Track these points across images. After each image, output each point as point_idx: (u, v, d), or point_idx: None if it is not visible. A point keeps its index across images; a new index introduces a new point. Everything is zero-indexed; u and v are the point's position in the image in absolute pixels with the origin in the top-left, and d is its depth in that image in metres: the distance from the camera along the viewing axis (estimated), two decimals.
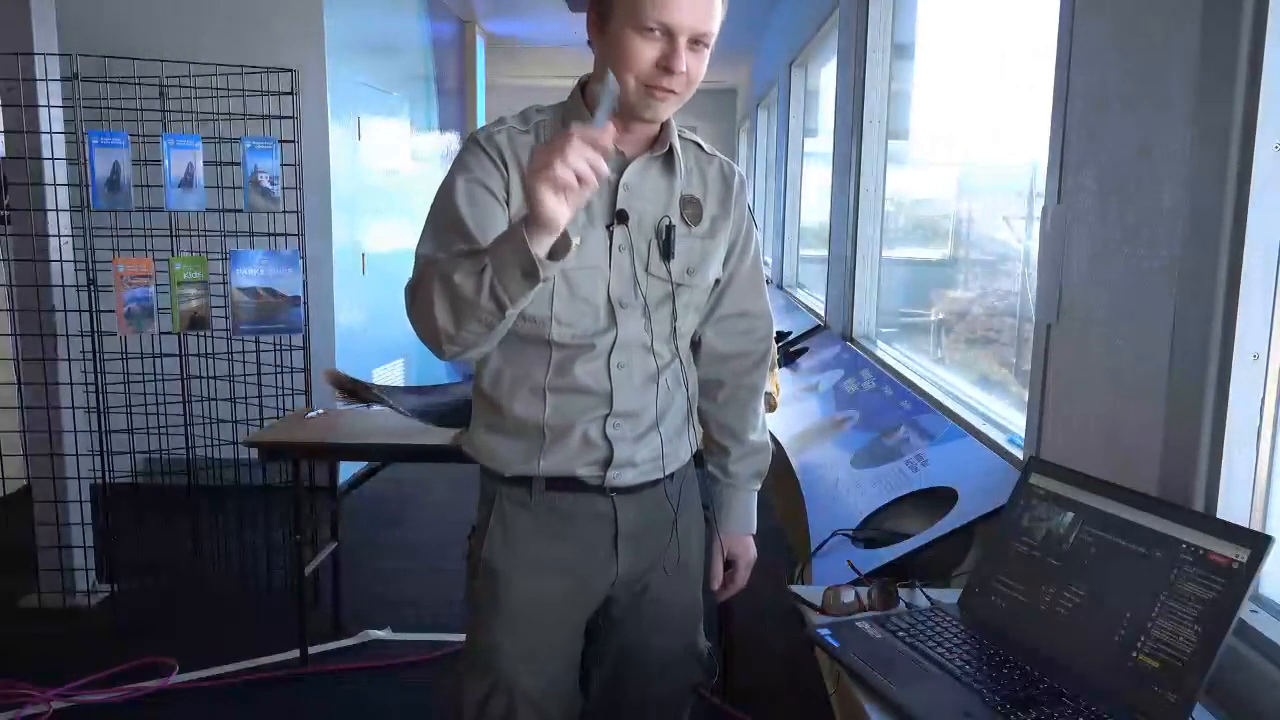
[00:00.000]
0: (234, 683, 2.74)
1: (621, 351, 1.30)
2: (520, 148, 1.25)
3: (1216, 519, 1.24)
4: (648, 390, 1.33)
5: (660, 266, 1.30)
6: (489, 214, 1.22)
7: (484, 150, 1.25)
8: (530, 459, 1.32)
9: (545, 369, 1.29)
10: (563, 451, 1.31)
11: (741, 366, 1.48)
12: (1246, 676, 1.16)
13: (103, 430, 3.24)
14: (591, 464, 1.32)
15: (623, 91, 1.19)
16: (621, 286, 1.29)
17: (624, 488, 1.35)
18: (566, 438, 1.31)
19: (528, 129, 1.27)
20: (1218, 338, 1.25)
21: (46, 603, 3.24)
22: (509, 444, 1.33)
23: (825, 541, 2.12)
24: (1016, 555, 1.39)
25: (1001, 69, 2.67)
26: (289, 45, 4.28)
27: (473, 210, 1.21)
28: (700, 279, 1.35)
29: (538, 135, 1.26)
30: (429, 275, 1.15)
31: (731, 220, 1.39)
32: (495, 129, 1.28)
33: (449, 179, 1.26)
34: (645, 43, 1.17)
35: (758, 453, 1.53)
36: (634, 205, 1.29)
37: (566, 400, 1.30)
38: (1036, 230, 1.87)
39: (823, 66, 5.48)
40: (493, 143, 1.26)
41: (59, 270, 3.17)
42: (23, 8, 3.06)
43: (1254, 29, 1.19)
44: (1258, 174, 1.20)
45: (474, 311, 1.09)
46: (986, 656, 1.28)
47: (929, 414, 2.58)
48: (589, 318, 1.28)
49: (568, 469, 1.32)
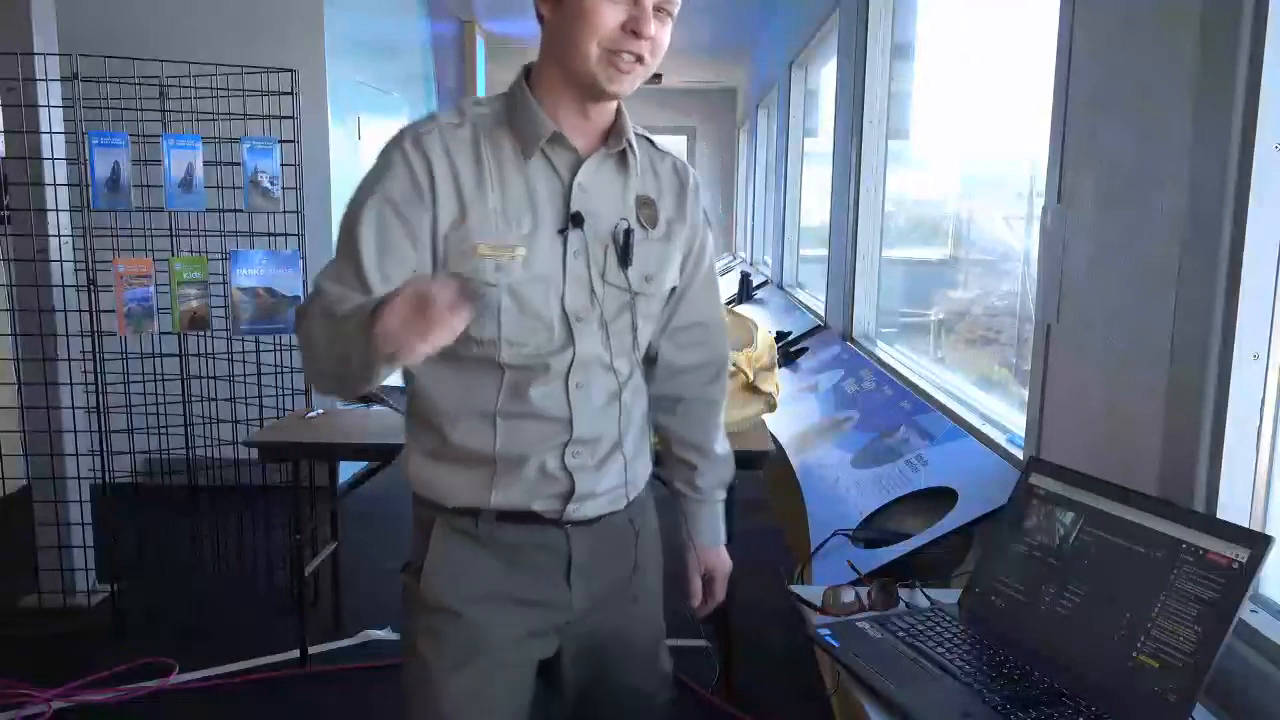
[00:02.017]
0: (234, 683, 2.74)
1: (580, 370, 1.18)
2: (455, 145, 1.13)
3: (1216, 519, 1.24)
4: (609, 411, 1.22)
5: (618, 274, 1.19)
6: (395, 243, 1.10)
7: (407, 160, 1.12)
8: (478, 492, 1.19)
9: (495, 393, 1.17)
10: (517, 485, 1.19)
11: (700, 379, 1.39)
12: (1246, 676, 1.16)
13: (103, 430, 3.24)
14: (550, 498, 1.21)
15: (582, 63, 1.10)
16: (577, 298, 1.17)
17: (582, 521, 1.23)
18: (521, 469, 1.18)
19: (462, 123, 1.15)
20: (1218, 338, 1.25)
21: (46, 603, 3.24)
22: (453, 474, 1.20)
23: (825, 541, 2.12)
24: (1016, 555, 1.39)
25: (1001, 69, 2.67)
26: (289, 45, 4.28)
27: (374, 238, 1.10)
28: (658, 286, 1.25)
29: (475, 130, 1.14)
30: (313, 321, 1.06)
31: (688, 223, 1.29)
32: (425, 129, 1.14)
33: (363, 189, 1.13)
34: (609, 4, 1.08)
35: (723, 464, 1.45)
36: (589, 207, 1.17)
37: (520, 427, 1.17)
38: (1036, 230, 1.87)
39: (823, 66, 5.48)
40: (420, 147, 1.12)
41: (59, 270, 3.17)
42: (23, 8, 3.06)
43: (1254, 29, 1.19)
44: (1258, 174, 1.20)
45: (339, 371, 1.04)
46: (986, 656, 1.28)
47: (929, 414, 2.58)
48: (542, 335, 1.16)
49: (523, 504, 1.20)
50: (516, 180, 1.14)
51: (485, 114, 1.16)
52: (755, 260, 8.39)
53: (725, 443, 1.46)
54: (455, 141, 1.13)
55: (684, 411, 1.39)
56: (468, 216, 1.11)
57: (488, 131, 1.15)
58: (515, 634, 1.23)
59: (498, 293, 1.13)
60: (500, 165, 1.14)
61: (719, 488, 1.45)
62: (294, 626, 2.86)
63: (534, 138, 1.14)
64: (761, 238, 8.08)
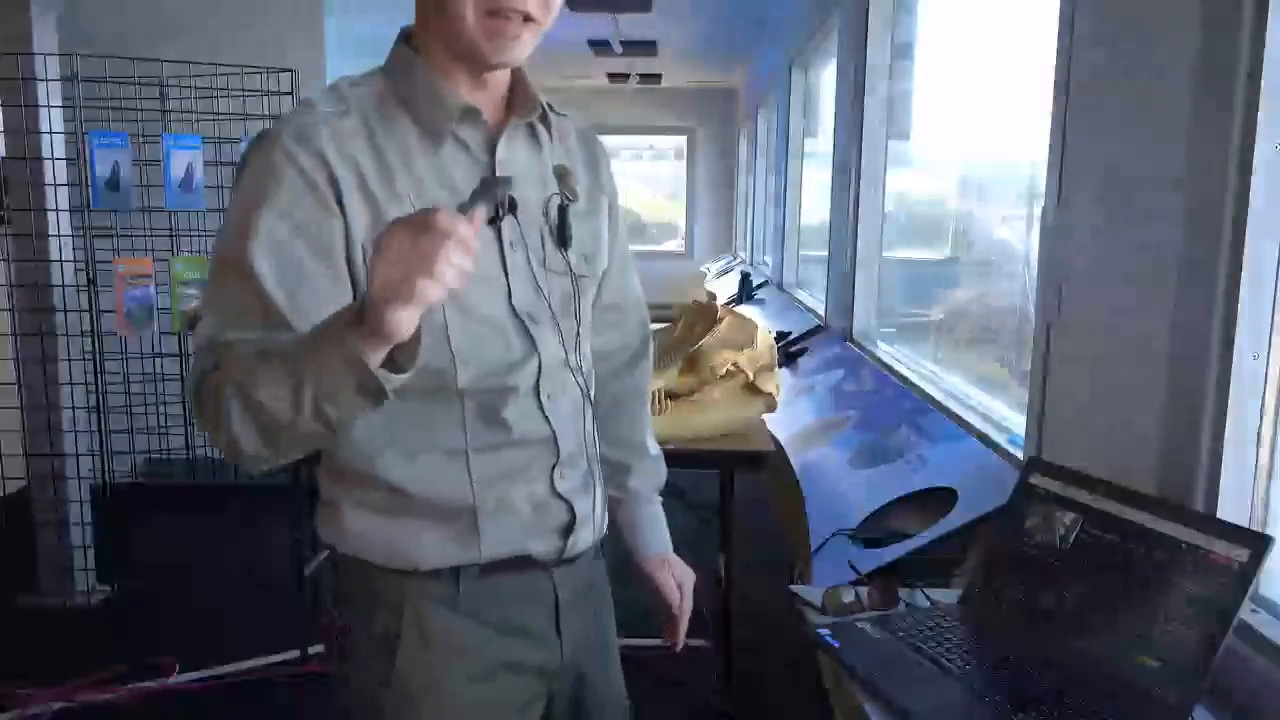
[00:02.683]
0: (234, 683, 2.74)
1: (548, 379, 1.01)
2: (347, 137, 0.92)
3: (1216, 519, 1.24)
4: (580, 418, 1.06)
5: (558, 258, 1.03)
6: (310, 281, 0.89)
7: (296, 162, 0.89)
8: (459, 547, 0.99)
9: (461, 427, 0.97)
10: (509, 528, 1.01)
11: (617, 364, 1.23)
12: (1246, 676, 1.16)
13: (103, 430, 3.24)
14: (548, 534, 1.04)
15: (459, 29, 0.91)
16: (524, 295, 1.00)
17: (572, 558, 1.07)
18: (509, 510, 1.00)
19: (347, 109, 0.94)
20: (1218, 338, 1.25)
21: (46, 603, 3.23)
22: (421, 530, 0.98)
23: (825, 541, 2.12)
24: (1016, 555, 1.39)
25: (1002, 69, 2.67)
26: (289, 45, 4.28)
27: (278, 268, 0.87)
28: (596, 266, 1.10)
29: (363, 116, 0.94)
30: (216, 382, 0.84)
31: (605, 191, 1.13)
32: (307, 121, 0.91)
33: (239, 210, 0.89)
34: None
35: (658, 465, 1.28)
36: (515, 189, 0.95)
37: (499, 460, 0.99)
38: (1036, 230, 1.87)
39: (823, 67, 5.48)
40: (308, 144, 0.90)
41: (59, 270, 3.17)
42: (23, 8, 3.06)
43: (1254, 29, 1.19)
44: (1258, 174, 1.20)
45: (293, 434, 0.83)
46: (986, 656, 1.28)
47: (929, 414, 2.58)
48: (498, 346, 0.98)
49: (519, 548, 1.02)
50: (428, 169, 0.96)
51: (368, 95, 0.96)
52: (755, 261, 8.39)
53: (655, 443, 1.30)
54: (346, 133, 0.92)
55: (608, 405, 1.21)
56: (383, 222, 0.86)
57: (379, 116, 0.95)
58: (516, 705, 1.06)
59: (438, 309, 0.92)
60: (406, 154, 0.95)
61: (655, 490, 1.28)
62: (294, 626, 2.86)
63: (442, 118, 0.96)
64: (761, 238, 8.08)
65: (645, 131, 11.47)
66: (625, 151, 11.76)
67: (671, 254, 11.60)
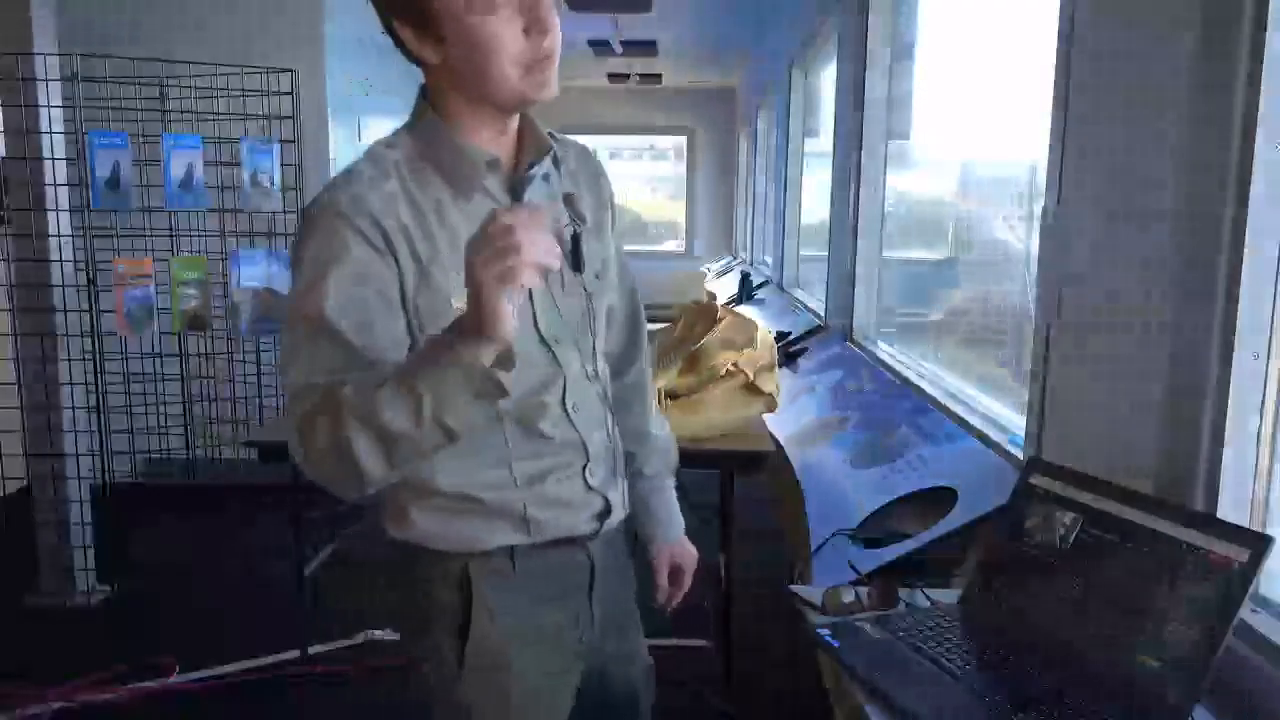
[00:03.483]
0: (234, 683, 2.74)
1: (573, 391, 1.16)
2: (390, 200, 1.04)
3: (1216, 519, 1.24)
4: (602, 419, 1.22)
5: (574, 281, 1.16)
6: (379, 319, 1.02)
7: (354, 227, 1.02)
8: (512, 532, 1.15)
9: (504, 440, 1.13)
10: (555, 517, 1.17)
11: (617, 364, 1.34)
12: (1246, 676, 1.16)
13: (103, 430, 3.25)
14: (588, 520, 1.20)
15: (503, 88, 1.04)
16: (547, 318, 1.13)
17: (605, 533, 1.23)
18: (551, 504, 1.16)
19: (387, 174, 1.06)
20: (1218, 338, 1.25)
21: (46, 603, 3.24)
22: (479, 520, 1.15)
23: (825, 541, 2.12)
24: (1016, 555, 1.39)
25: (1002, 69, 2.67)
26: (289, 45, 4.28)
27: (355, 316, 1.00)
28: (606, 281, 1.23)
29: (400, 179, 1.06)
30: (329, 413, 0.94)
31: (608, 208, 1.25)
32: (355, 190, 1.03)
33: (311, 273, 1.01)
34: (502, 22, 1.01)
35: (666, 446, 1.42)
36: None
37: (539, 464, 1.15)
38: (1036, 230, 1.87)
39: (823, 67, 5.48)
40: (363, 211, 1.02)
41: (59, 270, 3.17)
42: (23, 8, 3.06)
43: (1254, 29, 1.19)
44: (1258, 174, 1.20)
45: (416, 447, 0.94)
46: (986, 656, 1.28)
47: (929, 414, 2.58)
48: (530, 368, 1.10)
49: (566, 531, 1.18)
50: (460, 220, 1.07)
51: (400, 158, 1.08)
52: (755, 260, 8.39)
53: (664, 425, 1.43)
54: (388, 197, 1.04)
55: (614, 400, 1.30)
56: (429, 276, 1.05)
57: (412, 177, 1.07)
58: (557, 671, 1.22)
59: None
60: (439, 209, 1.07)
61: (667, 472, 1.42)
62: (294, 626, 2.86)
63: (470, 175, 1.08)
64: (761, 238, 8.08)
65: (645, 131, 11.47)
66: (625, 151, 11.76)
67: (671, 254, 11.59)
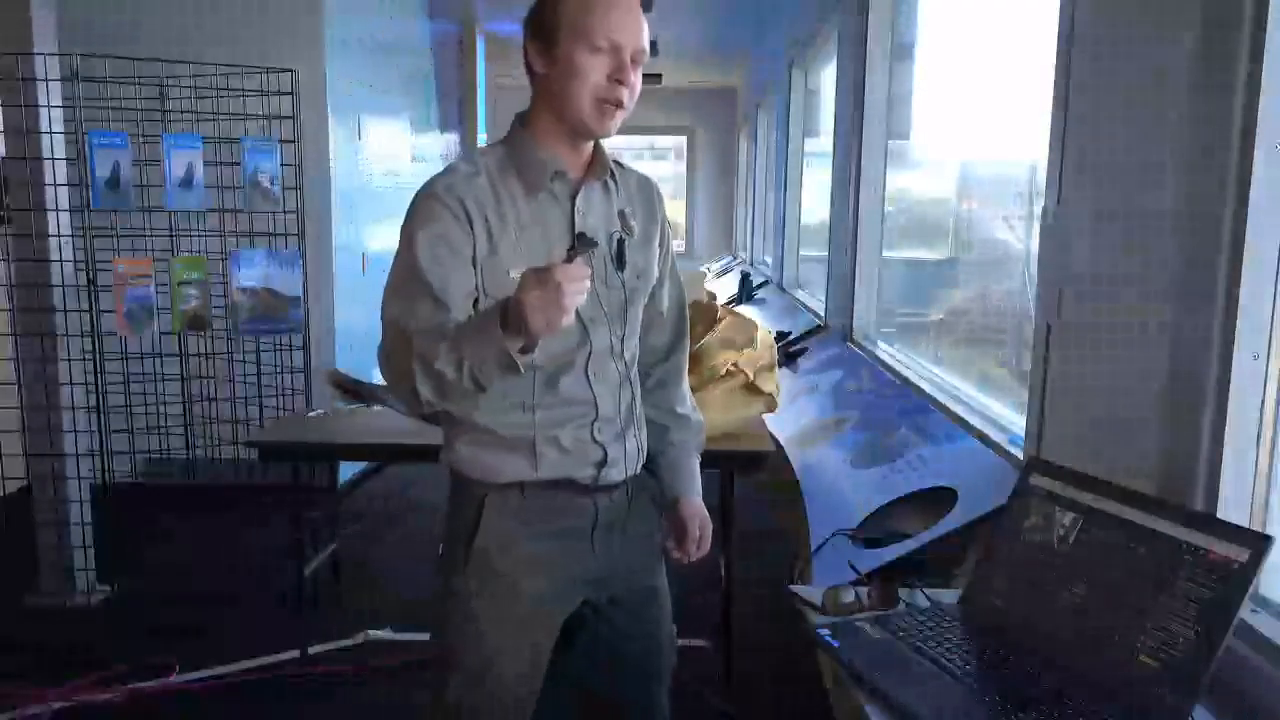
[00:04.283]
0: (234, 683, 2.74)
1: (595, 361, 1.41)
2: (476, 190, 1.34)
3: (1216, 519, 1.24)
4: (622, 392, 1.45)
5: (615, 277, 1.42)
6: (454, 271, 1.32)
7: (444, 203, 1.32)
8: (523, 468, 1.40)
9: (531, 388, 1.38)
10: (558, 459, 1.41)
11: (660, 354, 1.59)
12: (1246, 676, 1.16)
13: (103, 430, 3.25)
14: (587, 466, 1.42)
15: (577, 111, 1.32)
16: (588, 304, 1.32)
17: (609, 485, 1.45)
18: (560, 446, 1.40)
19: (478, 171, 1.36)
20: (1218, 338, 1.25)
21: (46, 603, 3.24)
22: (498, 456, 1.41)
23: (825, 541, 2.12)
24: (1016, 555, 1.39)
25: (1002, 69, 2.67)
26: (289, 45, 4.28)
27: (437, 268, 1.30)
28: (646, 281, 1.48)
29: (489, 176, 1.36)
30: (404, 348, 1.26)
31: (659, 225, 1.52)
32: (451, 180, 1.35)
33: (409, 233, 1.33)
34: (596, 59, 1.30)
35: (698, 426, 1.64)
36: (588, 225, 1.40)
37: (555, 412, 1.40)
38: (1036, 230, 1.87)
39: (823, 67, 5.48)
40: (453, 194, 1.33)
41: (59, 270, 3.17)
42: (23, 8, 3.06)
43: (1254, 29, 1.19)
44: (1258, 174, 1.20)
45: (457, 389, 1.24)
46: (986, 656, 1.28)
47: (929, 414, 2.58)
48: (565, 337, 1.35)
49: (565, 474, 1.41)
50: (529, 212, 1.36)
51: (492, 162, 1.38)
52: (755, 260, 8.39)
53: (697, 411, 1.65)
54: (476, 187, 1.34)
55: (654, 383, 1.60)
56: (497, 248, 1.33)
57: (499, 175, 1.37)
58: (545, 593, 1.43)
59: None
60: (514, 201, 1.36)
61: (694, 444, 1.64)
62: (294, 626, 2.86)
63: (540, 177, 1.37)
64: (761, 238, 8.08)
65: (645, 131, 11.46)
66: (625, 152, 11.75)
67: None
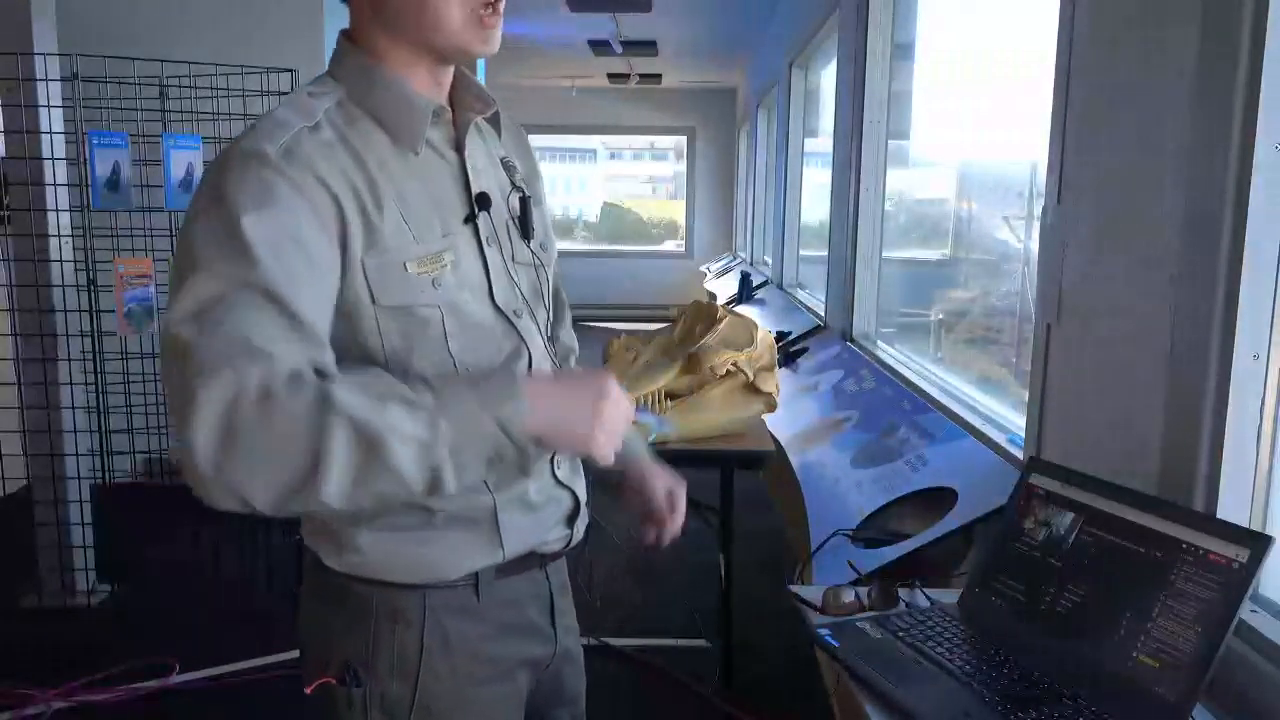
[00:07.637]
0: (234, 683, 2.74)
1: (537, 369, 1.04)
2: (328, 151, 0.91)
3: (1216, 519, 1.24)
4: None
5: (524, 250, 1.06)
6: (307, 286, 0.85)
7: (289, 180, 0.86)
8: (483, 550, 1.01)
9: None
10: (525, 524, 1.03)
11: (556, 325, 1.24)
12: (1246, 676, 1.16)
13: (103, 430, 3.24)
14: (558, 524, 1.08)
15: (445, 31, 0.94)
16: (503, 290, 1.01)
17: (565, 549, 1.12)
18: (524, 505, 1.02)
19: (319, 122, 0.92)
20: (1218, 338, 1.25)
21: (46, 603, 3.23)
22: (447, 539, 0.99)
23: (825, 541, 2.12)
24: (1016, 555, 1.39)
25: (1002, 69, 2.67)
26: (289, 45, 4.27)
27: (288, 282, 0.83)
28: (550, 253, 1.13)
29: (335, 130, 0.93)
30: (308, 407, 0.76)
31: (539, 178, 1.17)
32: (285, 137, 0.88)
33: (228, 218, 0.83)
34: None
35: None
36: (483, 184, 1.01)
37: None
38: (1036, 230, 1.87)
39: (823, 67, 5.48)
40: (300, 164, 0.87)
41: (59, 270, 3.17)
42: (23, 8, 3.06)
43: (1254, 29, 1.19)
44: (1258, 174, 1.20)
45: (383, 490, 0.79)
46: (986, 656, 1.28)
47: (929, 414, 2.58)
48: (489, 344, 1.00)
49: (537, 541, 1.05)
50: (405, 176, 0.95)
51: (331, 106, 0.95)
52: (755, 260, 8.39)
53: None
54: (326, 147, 0.91)
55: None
56: (379, 235, 0.91)
57: (348, 126, 0.94)
58: (522, 698, 1.11)
59: (437, 313, 0.95)
60: (383, 164, 0.94)
61: None
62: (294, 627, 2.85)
63: (416, 123, 0.96)
64: (761, 238, 8.08)
65: (645, 131, 11.48)
66: (625, 151, 11.77)
67: (671, 254, 11.60)
